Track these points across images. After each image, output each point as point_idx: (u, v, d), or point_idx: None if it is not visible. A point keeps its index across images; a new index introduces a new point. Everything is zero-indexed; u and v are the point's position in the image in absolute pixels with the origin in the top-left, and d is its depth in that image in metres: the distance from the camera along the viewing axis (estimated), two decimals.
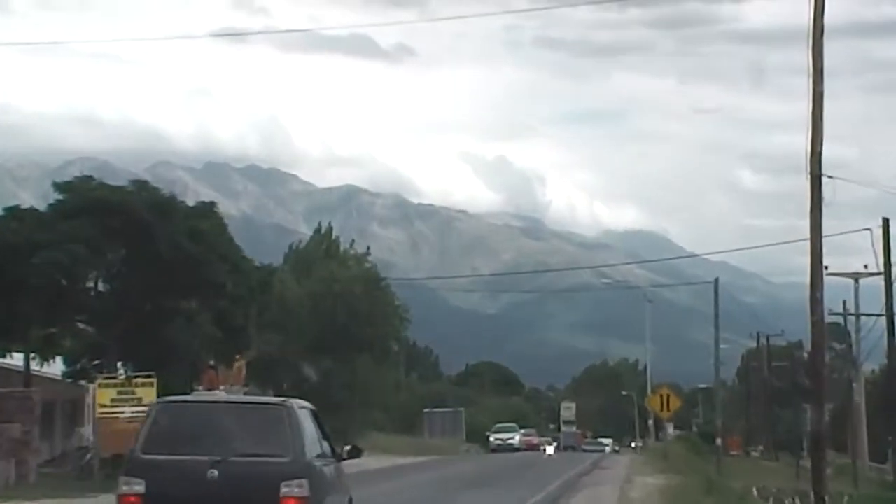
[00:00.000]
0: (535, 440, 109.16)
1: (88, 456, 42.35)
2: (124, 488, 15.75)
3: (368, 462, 63.44)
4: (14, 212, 44.57)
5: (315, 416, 17.27)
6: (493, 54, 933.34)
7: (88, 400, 49.11)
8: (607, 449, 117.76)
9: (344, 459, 18.19)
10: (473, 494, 35.51)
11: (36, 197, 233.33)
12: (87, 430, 48.16)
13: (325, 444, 17.34)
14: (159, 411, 16.31)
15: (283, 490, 15.37)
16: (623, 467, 59.72)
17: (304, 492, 15.46)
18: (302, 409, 16.63)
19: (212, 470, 15.39)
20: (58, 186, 45.45)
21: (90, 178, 46.81)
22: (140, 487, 15.56)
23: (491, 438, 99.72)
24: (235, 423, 15.99)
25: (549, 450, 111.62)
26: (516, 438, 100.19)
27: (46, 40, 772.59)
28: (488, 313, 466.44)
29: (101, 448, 40.95)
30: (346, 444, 19.62)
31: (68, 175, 49.32)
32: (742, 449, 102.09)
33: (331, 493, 16.78)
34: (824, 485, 25.61)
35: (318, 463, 16.34)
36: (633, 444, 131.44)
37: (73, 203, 43.27)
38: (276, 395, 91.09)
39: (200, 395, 22.72)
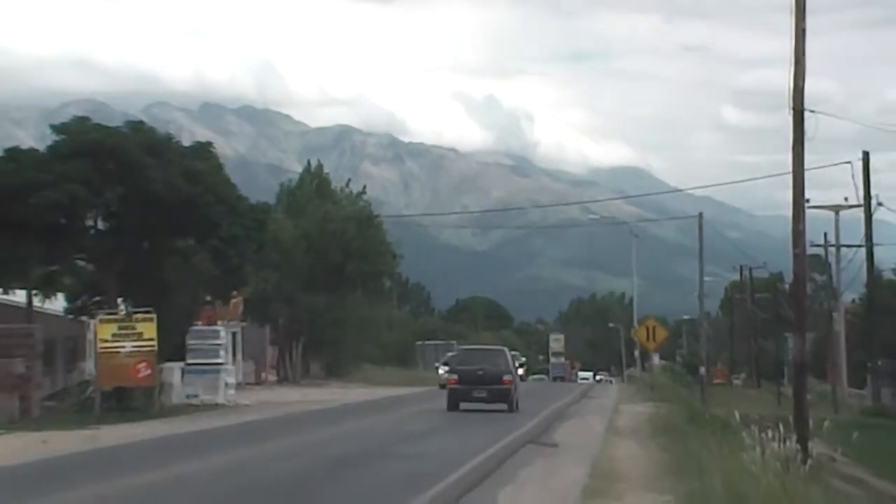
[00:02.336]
0: None
1: (90, 390, 42.52)
2: (447, 377, 46.12)
3: (351, 394, 63.68)
4: (12, 153, 44.26)
5: (510, 351, 46.40)
6: None
7: (89, 336, 49.21)
8: (589, 380, 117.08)
9: (518, 369, 55.11)
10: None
11: (34, 138, 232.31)
12: (89, 365, 48.30)
13: (514, 364, 45.07)
14: (461, 350, 48.76)
15: (504, 377, 41.41)
16: (611, 399, 60.04)
17: (511, 378, 41.82)
18: (507, 350, 46.07)
19: (479, 370, 41.21)
20: (55, 128, 45.24)
21: (86, 119, 46.57)
22: (456, 376, 41.84)
23: (440, 371, 74.33)
24: (487, 355, 43.45)
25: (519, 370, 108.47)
26: None
27: None
28: (479, 250, 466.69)
29: (101, 382, 41.14)
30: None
31: (66, 116, 48.91)
32: (725, 378, 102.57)
33: (516, 383, 42.85)
34: (805, 410, 25.77)
35: (513, 370, 42.97)
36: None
37: (70, 144, 43.06)
38: (272, 330, 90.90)
39: (474, 345, 54.15)
